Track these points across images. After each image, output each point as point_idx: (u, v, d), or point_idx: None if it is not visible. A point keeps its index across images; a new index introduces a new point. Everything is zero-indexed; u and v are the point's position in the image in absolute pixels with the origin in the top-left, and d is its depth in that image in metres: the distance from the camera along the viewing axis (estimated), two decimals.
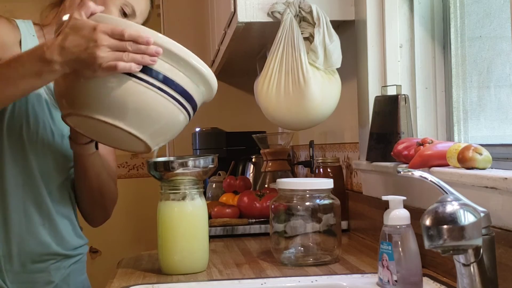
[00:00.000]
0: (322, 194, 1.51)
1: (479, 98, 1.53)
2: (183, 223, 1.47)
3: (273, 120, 1.80)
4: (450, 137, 1.66)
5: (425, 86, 1.72)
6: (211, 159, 1.50)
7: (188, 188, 1.47)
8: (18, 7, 4.50)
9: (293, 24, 1.73)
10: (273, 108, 1.76)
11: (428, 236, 0.91)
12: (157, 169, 1.48)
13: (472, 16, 1.56)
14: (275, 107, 1.75)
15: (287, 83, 1.71)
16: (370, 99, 1.76)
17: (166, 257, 1.47)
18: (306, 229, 1.51)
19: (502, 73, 1.43)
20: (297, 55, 1.71)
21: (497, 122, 1.46)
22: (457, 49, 1.63)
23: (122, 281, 1.41)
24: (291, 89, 1.71)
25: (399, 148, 1.48)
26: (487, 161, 1.18)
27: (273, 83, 1.73)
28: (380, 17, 1.77)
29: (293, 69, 1.71)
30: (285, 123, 1.82)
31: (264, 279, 1.35)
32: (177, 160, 1.48)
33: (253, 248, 1.77)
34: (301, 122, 1.78)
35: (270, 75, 1.74)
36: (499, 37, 1.44)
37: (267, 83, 1.74)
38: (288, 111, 1.74)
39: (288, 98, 1.72)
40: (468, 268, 0.96)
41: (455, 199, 0.94)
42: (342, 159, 2.11)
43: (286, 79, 1.72)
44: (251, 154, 2.79)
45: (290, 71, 1.71)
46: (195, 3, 3.65)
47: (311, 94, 1.70)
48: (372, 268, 1.38)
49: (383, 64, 1.76)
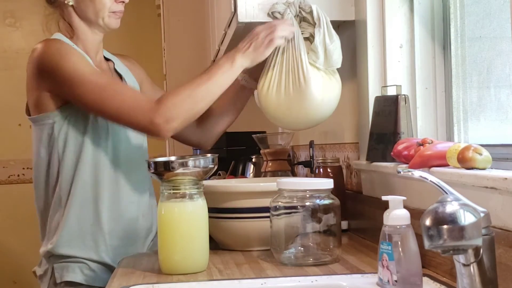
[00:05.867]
0: (322, 194, 1.51)
1: (479, 98, 1.53)
2: (183, 223, 1.47)
3: (273, 120, 1.80)
4: (450, 137, 1.66)
5: (425, 86, 1.72)
6: (211, 159, 1.50)
7: (188, 188, 1.47)
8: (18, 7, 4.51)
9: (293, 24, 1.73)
10: (273, 108, 1.75)
11: (428, 236, 0.91)
12: (157, 169, 1.48)
13: (472, 17, 1.56)
14: (275, 107, 1.75)
15: (288, 83, 1.71)
16: (370, 99, 1.76)
17: (166, 257, 1.47)
18: (306, 229, 1.51)
19: (502, 73, 1.43)
20: (297, 55, 1.70)
21: (497, 122, 1.46)
22: (457, 49, 1.63)
23: (122, 281, 1.41)
24: (292, 89, 1.70)
25: (399, 148, 1.48)
26: (487, 161, 1.18)
27: (274, 83, 1.73)
28: (380, 17, 1.77)
29: (293, 69, 1.71)
30: (286, 123, 1.82)
31: (264, 279, 1.35)
32: (177, 160, 1.48)
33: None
34: (301, 122, 1.77)
35: (270, 75, 1.74)
36: (499, 38, 1.44)
37: (268, 83, 1.74)
38: (289, 111, 1.73)
39: (288, 98, 1.72)
40: (468, 268, 0.96)
41: (455, 199, 0.94)
42: (342, 159, 2.11)
43: (286, 79, 1.71)
44: (251, 154, 2.79)
45: (290, 71, 1.71)
46: (195, 3, 3.65)
47: (312, 94, 1.70)
48: (372, 268, 1.38)
49: (383, 64, 1.76)
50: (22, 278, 4.41)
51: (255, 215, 1.67)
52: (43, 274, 1.79)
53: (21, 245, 4.38)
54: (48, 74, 1.68)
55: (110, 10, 1.76)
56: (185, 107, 1.63)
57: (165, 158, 1.54)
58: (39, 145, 1.76)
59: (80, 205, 1.73)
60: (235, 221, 1.69)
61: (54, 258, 1.76)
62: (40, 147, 1.76)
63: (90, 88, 1.64)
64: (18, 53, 4.53)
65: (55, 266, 1.75)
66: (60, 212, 1.75)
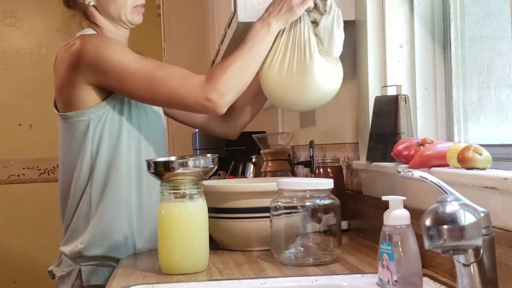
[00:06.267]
0: (322, 194, 1.51)
1: (479, 98, 1.53)
2: (183, 223, 1.47)
3: (269, 95, 1.78)
4: (450, 137, 1.66)
5: (425, 86, 1.72)
6: (211, 159, 1.50)
7: (188, 188, 1.47)
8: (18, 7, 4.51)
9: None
10: (273, 83, 1.73)
11: (428, 236, 0.91)
12: (157, 169, 1.48)
13: (472, 17, 1.56)
14: (275, 82, 1.73)
15: (292, 60, 1.70)
16: (370, 99, 1.76)
17: (166, 257, 1.47)
18: (306, 229, 1.51)
19: (502, 74, 1.43)
20: (306, 33, 1.69)
21: (497, 122, 1.46)
22: (457, 49, 1.63)
23: (122, 281, 1.41)
24: (295, 66, 1.69)
25: (399, 148, 1.48)
26: (487, 161, 1.18)
27: (278, 58, 1.71)
28: (380, 17, 1.77)
29: (299, 46, 1.69)
30: (282, 101, 1.78)
31: (264, 279, 1.35)
32: (177, 160, 1.48)
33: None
34: (298, 102, 1.75)
35: (275, 49, 1.72)
36: (499, 38, 1.44)
37: (271, 57, 1.72)
38: (288, 88, 1.71)
39: (290, 75, 1.70)
40: (468, 268, 0.96)
41: (455, 199, 0.94)
42: (342, 159, 2.11)
43: (291, 55, 1.70)
44: (251, 154, 2.79)
45: (296, 48, 1.69)
46: (195, 3, 3.65)
47: (314, 75, 1.67)
48: (372, 268, 1.38)
49: (383, 64, 1.76)
50: (22, 278, 4.42)
51: (255, 215, 1.67)
52: (65, 275, 1.75)
53: (21, 245, 4.38)
54: (92, 67, 1.67)
55: (132, 5, 1.77)
56: (235, 80, 1.67)
57: (165, 158, 1.54)
58: (70, 142, 1.74)
59: (115, 206, 1.72)
60: (235, 221, 1.69)
61: (82, 259, 1.73)
62: (71, 144, 1.74)
63: (138, 77, 1.66)
64: (18, 53, 4.53)
65: (82, 268, 1.73)
66: (92, 212, 1.72)
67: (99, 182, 1.72)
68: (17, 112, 4.50)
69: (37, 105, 4.38)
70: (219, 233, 1.73)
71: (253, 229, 1.68)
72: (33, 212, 4.38)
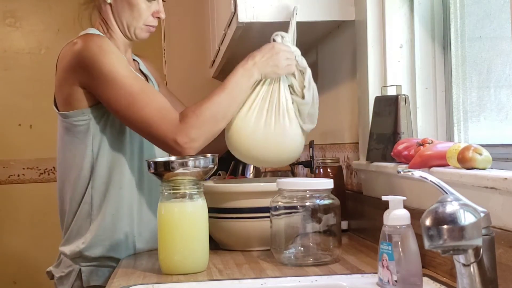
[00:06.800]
0: (322, 194, 1.51)
1: (479, 98, 1.53)
2: (183, 223, 1.47)
3: (237, 143, 1.75)
4: (450, 137, 1.66)
5: (425, 86, 1.72)
6: (211, 159, 1.50)
7: (188, 188, 1.47)
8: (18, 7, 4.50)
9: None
10: (245, 133, 1.72)
11: (428, 236, 0.91)
12: (157, 169, 1.48)
13: (472, 17, 1.56)
14: (249, 134, 1.71)
15: (270, 117, 1.70)
16: (370, 99, 1.76)
17: (166, 257, 1.47)
18: (306, 229, 1.51)
19: (502, 74, 1.43)
20: (285, 94, 1.71)
21: (497, 122, 1.46)
22: (457, 49, 1.63)
23: (122, 281, 1.41)
24: (273, 124, 1.70)
25: (399, 148, 1.48)
26: (487, 161, 1.18)
27: (254, 111, 1.71)
28: (380, 17, 1.77)
29: (277, 106, 1.70)
30: (249, 153, 1.76)
31: (264, 279, 1.35)
32: (177, 160, 1.48)
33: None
34: (270, 159, 1.77)
35: (252, 100, 1.71)
36: (499, 38, 1.44)
37: (247, 108, 1.71)
38: (263, 144, 1.71)
39: (267, 132, 1.70)
40: (468, 268, 0.96)
41: (455, 199, 0.94)
42: (342, 159, 2.11)
43: (269, 112, 1.70)
44: None
45: (275, 106, 1.70)
46: (195, 3, 3.64)
47: (293, 137, 1.71)
48: (372, 268, 1.38)
49: (383, 64, 1.76)
50: (22, 278, 4.41)
51: (255, 215, 1.67)
52: (64, 275, 1.75)
53: (21, 245, 4.38)
54: (85, 69, 1.66)
55: (145, 23, 1.77)
56: (208, 127, 1.65)
57: (165, 158, 1.54)
58: (69, 142, 1.74)
59: (117, 206, 1.72)
60: (235, 221, 1.69)
61: (83, 259, 1.73)
62: (71, 144, 1.73)
63: (123, 93, 1.64)
64: (18, 53, 4.53)
65: (83, 269, 1.72)
66: (94, 212, 1.72)
67: (101, 182, 1.72)
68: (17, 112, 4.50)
69: (37, 105, 4.37)
70: (219, 233, 1.73)
71: (253, 229, 1.68)
72: (33, 212, 4.38)
